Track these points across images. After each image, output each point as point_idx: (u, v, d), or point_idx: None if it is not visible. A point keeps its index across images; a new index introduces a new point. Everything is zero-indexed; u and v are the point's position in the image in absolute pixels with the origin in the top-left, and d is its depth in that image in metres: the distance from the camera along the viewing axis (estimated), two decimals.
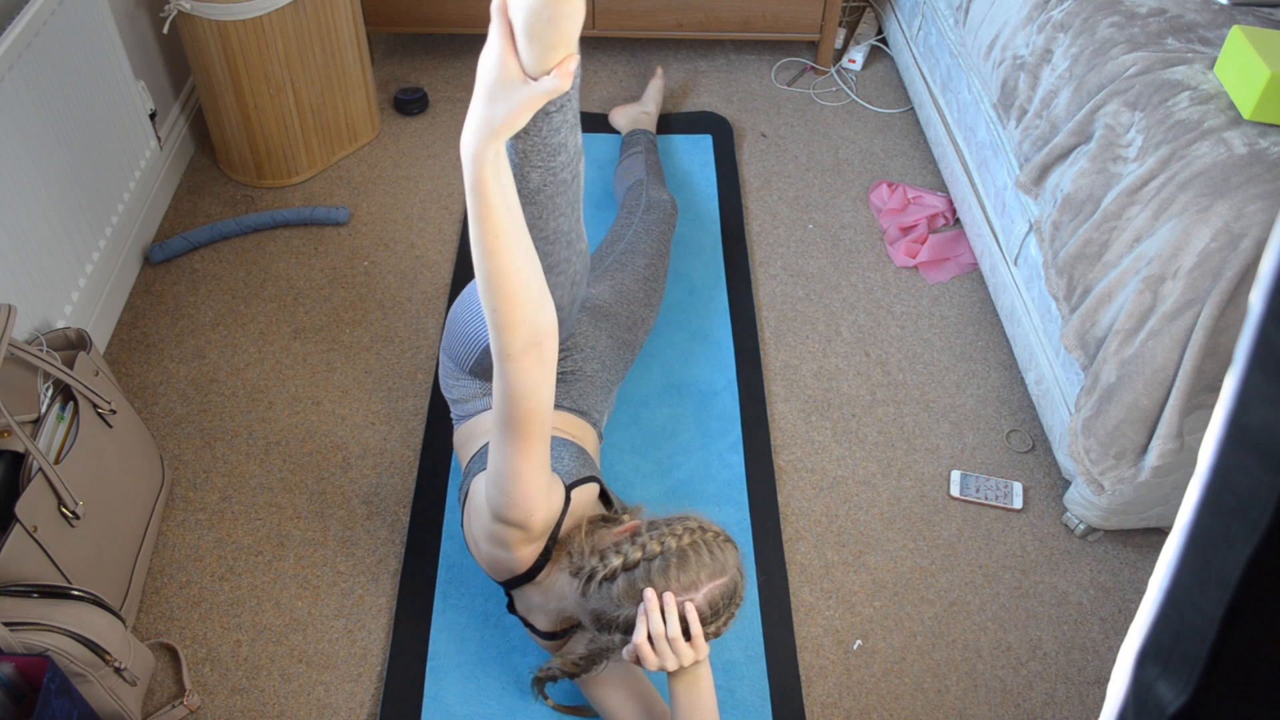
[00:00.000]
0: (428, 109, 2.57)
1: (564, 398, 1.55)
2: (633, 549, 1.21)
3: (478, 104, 0.97)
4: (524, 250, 1.06)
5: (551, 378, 1.14)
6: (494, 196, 1.00)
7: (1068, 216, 1.64)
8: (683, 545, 1.20)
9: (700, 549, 1.21)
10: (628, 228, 1.98)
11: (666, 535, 1.22)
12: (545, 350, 1.11)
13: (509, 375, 1.11)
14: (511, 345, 1.08)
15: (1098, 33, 1.69)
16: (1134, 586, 1.68)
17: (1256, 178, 1.37)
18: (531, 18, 0.91)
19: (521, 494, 1.20)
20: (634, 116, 2.43)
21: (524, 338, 1.08)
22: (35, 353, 1.42)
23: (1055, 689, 1.55)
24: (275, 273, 2.13)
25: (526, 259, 1.06)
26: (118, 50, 1.98)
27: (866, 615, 1.63)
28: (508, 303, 1.06)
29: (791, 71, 2.76)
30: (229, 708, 1.49)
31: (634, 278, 1.83)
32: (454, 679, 1.52)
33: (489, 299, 1.06)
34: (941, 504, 1.78)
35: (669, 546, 1.20)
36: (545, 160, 1.28)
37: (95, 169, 1.92)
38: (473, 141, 0.98)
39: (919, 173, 2.45)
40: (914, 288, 2.17)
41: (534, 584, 1.34)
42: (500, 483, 1.20)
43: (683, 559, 1.19)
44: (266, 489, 1.75)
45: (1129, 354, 1.46)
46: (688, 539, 1.21)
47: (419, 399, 1.90)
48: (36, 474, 1.34)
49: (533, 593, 1.36)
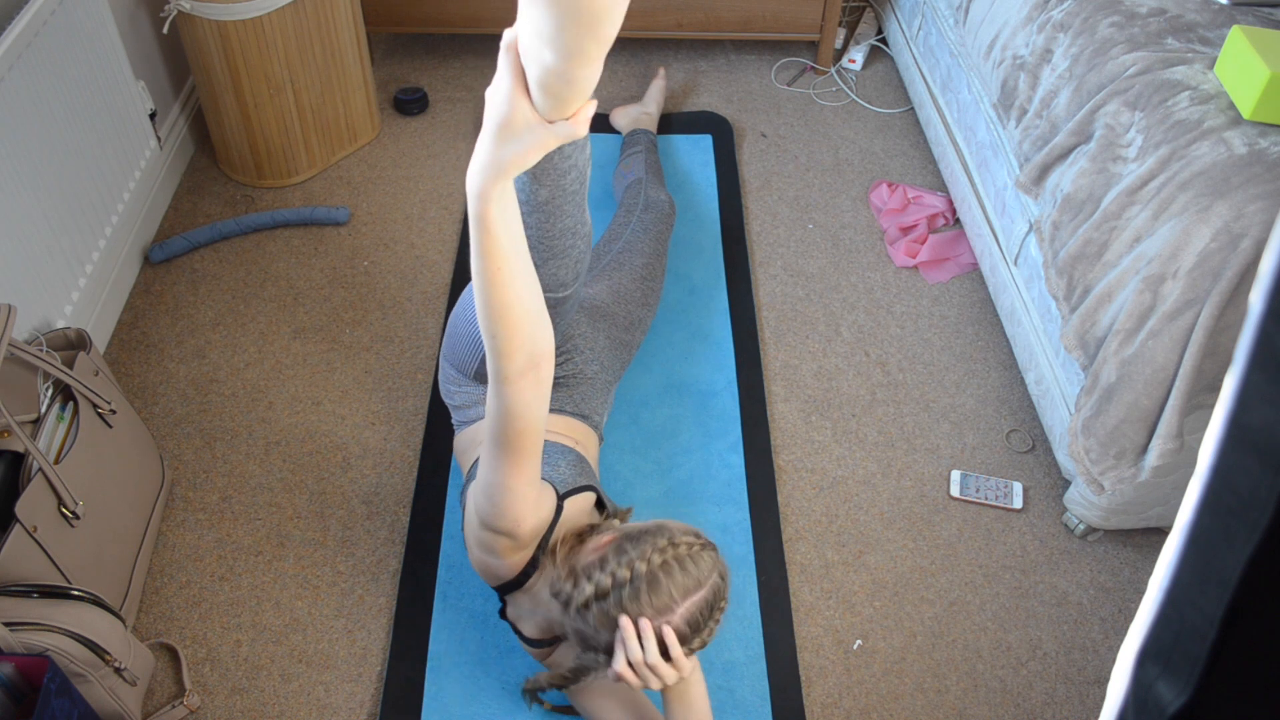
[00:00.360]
0: (428, 109, 2.57)
1: (565, 401, 1.54)
2: (604, 575, 1.18)
3: (486, 142, 0.94)
4: (525, 278, 1.04)
5: (546, 397, 1.13)
6: (499, 231, 0.99)
7: (1068, 216, 1.64)
8: (653, 568, 1.17)
9: (671, 568, 1.17)
10: (625, 227, 1.98)
11: (636, 559, 1.18)
12: (542, 372, 1.10)
13: (506, 397, 1.10)
14: (509, 369, 1.07)
15: (1098, 33, 1.69)
16: (1134, 586, 1.68)
17: (1256, 178, 1.37)
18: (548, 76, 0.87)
19: (509, 506, 1.20)
20: (635, 117, 2.43)
21: (522, 361, 1.07)
22: (35, 353, 1.42)
23: (1055, 689, 1.55)
24: (275, 273, 2.13)
25: (527, 286, 1.05)
26: (118, 50, 1.98)
27: (866, 615, 1.63)
28: (508, 330, 1.05)
29: (791, 71, 2.76)
30: (229, 708, 1.49)
31: (631, 277, 1.83)
32: (454, 679, 1.52)
33: (488, 325, 1.05)
34: (941, 504, 1.78)
35: (639, 571, 1.17)
36: (555, 180, 1.28)
37: (95, 169, 1.92)
38: (479, 180, 0.96)
39: (919, 173, 2.45)
40: (914, 288, 2.17)
41: (523, 591, 1.34)
42: (490, 494, 1.20)
43: (653, 583, 1.16)
44: (266, 489, 1.75)
45: (1129, 354, 1.46)
46: (658, 560, 1.17)
47: (419, 399, 1.90)
48: (36, 474, 1.34)
49: (523, 599, 1.36)
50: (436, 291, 2.10)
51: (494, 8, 2.57)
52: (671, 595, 1.16)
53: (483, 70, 2.71)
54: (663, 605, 1.16)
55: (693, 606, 1.17)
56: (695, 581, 1.17)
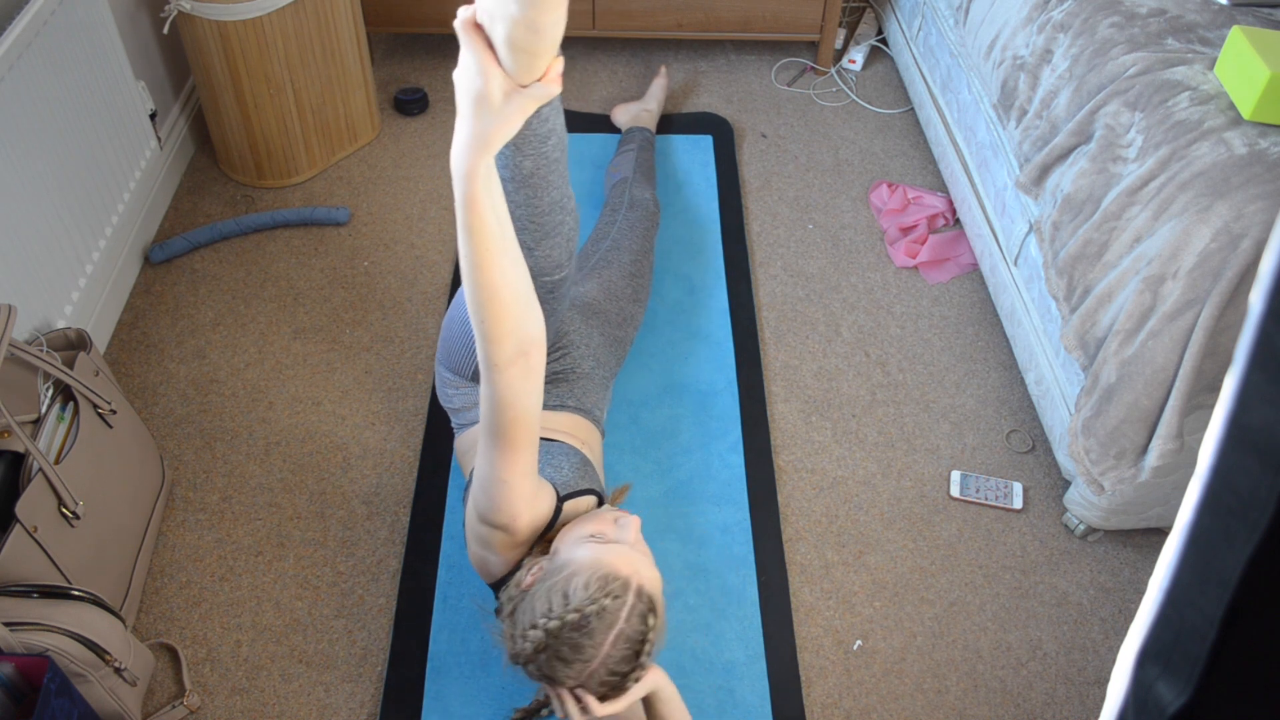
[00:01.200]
0: (428, 109, 2.57)
1: (567, 397, 1.55)
2: (524, 641, 1.16)
3: (465, 120, 0.95)
4: (513, 259, 1.05)
5: (539, 386, 1.13)
6: (486, 211, 0.99)
7: (1068, 217, 1.64)
8: (558, 633, 1.13)
9: (580, 626, 1.13)
10: (611, 225, 1.99)
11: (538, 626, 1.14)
12: (533, 359, 1.10)
13: (496, 385, 1.10)
14: (499, 355, 1.08)
15: (1098, 33, 1.69)
16: (1134, 586, 1.68)
17: (1256, 178, 1.37)
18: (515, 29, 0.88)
19: (506, 499, 1.20)
20: (635, 114, 2.44)
21: (512, 348, 1.08)
22: (35, 353, 1.42)
23: (1055, 689, 1.55)
24: (275, 273, 2.13)
25: (515, 268, 1.05)
26: (118, 50, 1.98)
27: (866, 615, 1.63)
28: (496, 314, 1.05)
29: (791, 72, 2.76)
30: (229, 708, 1.49)
31: (620, 274, 1.85)
32: (454, 679, 1.52)
33: (477, 310, 1.05)
34: (941, 504, 1.78)
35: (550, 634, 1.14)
36: (537, 147, 1.29)
37: (95, 169, 1.92)
38: (465, 158, 0.96)
39: (919, 173, 2.45)
40: (914, 288, 2.17)
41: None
42: (486, 487, 1.20)
43: (558, 655, 1.14)
44: (266, 489, 1.75)
45: (1129, 354, 1.46)
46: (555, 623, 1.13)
47: (419, 399, 1.90)
48: (36, 474, 1.34)
49: None
50: (436, 291, 2.10)
51: None
52: (585, 658, 1.14)
53: None
54: (580, 671, 1.14)
55: (613, 656, 1.14)
56: (608, 624, 1.13)
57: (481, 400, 1.14)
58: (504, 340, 1.07)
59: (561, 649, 1.14)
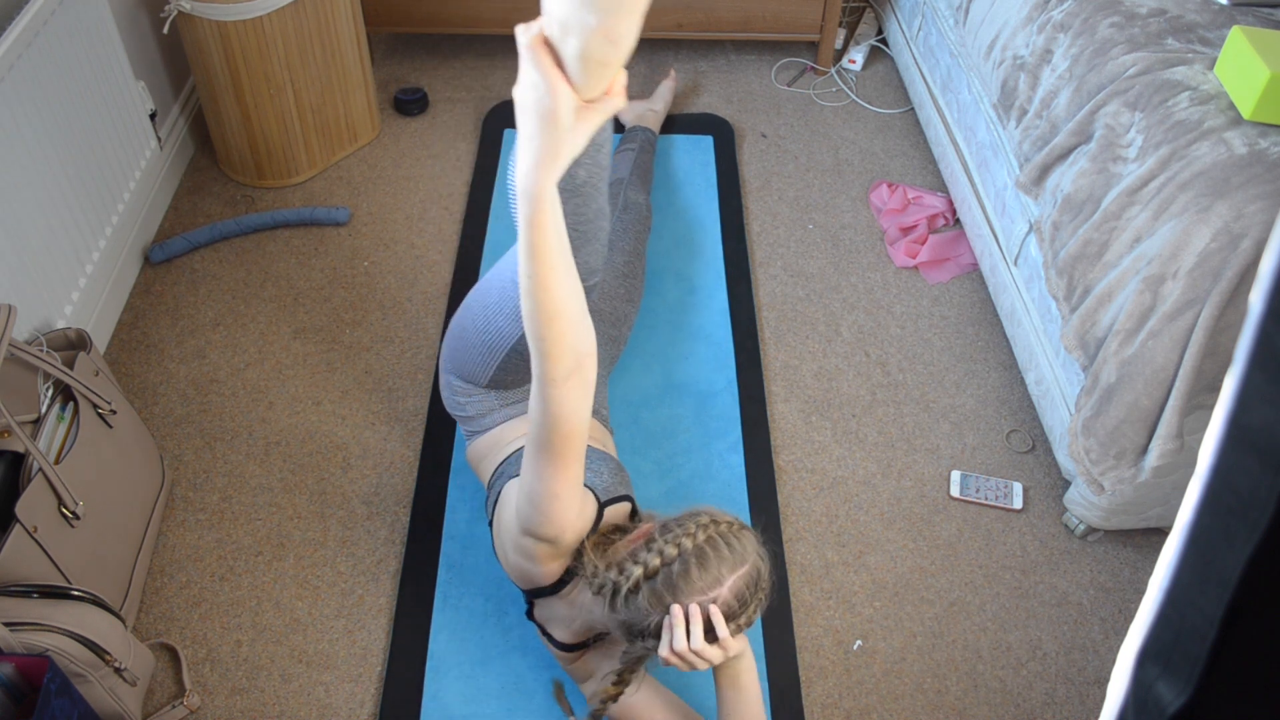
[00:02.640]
0: (428, 109, 2.57)
1: None
2: (651, 556, 1.20)
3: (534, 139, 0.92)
4: (572, 277, 1.04)
5: (590, 398, 1.13)
6: (551, 232, 0.97)
7: (1068, 216, 1.64)
8: (699, 544, 1.19)
9: (717, 543, 1.20)
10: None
11: (681, 537, 1.20)
12: (587, 373, 1.10)
13: (552, 400, 1.09)
14: (556, 371, 1.06)
15: (1098, 33, 1.69)
16: (1134, 586, 1.68)
17: (1256, 178, 1.37)
18: (591, 40, 0.85)
19: (557, 513, 1.20)
20: (640, 113, 2.43)
21: (570, 363, 1.07)
22: (35, 353, 1.42)
23: (1055, 689, 1.55)
24: (275, 273, 2.13)
25: (574, 284, 1.04)
26: (118, 50, 1.98)
27: (866, 615, 1.63)
28: (559, 332, 1.04)
29: (792, 72, 2.76)
30: (229, 708, 1.49)
31: (614, 275, 1.86)
32: (454, 679, 1.52)
33: (537, 329, 1.04)
34: (941, 504, 1.78)
35: (685, 548, 1.19)
36: (592, 156, 1.32)
37: (95, 169, 1.92)
38: (534, 179, 0.93)
39: (919, 173, 2.45)
40: (914, 288, 2.17)
41: (559, 597, 1.34)
42: (536, 502, 1.20)
43: (701, 558, 1.19)
44: (266, 489, 1.75)
45: (1129, 354, 1.46)
46: (703, 536, 1.20)
47: (419, 399, 1.90)
48: (36, 474, 1.34)
49: (557, 605, 1.36)
50: (436, 291, 2.10)
51: (494, 8, 2.57)
52: (719, 570, 1.19)
53: (483, 70, 2.71)
54: (711, 580, 1.18)
55: (739, 581, 1.19)
56: (740, 557, 1.20)
57: (531, 415, 1.13)
58: (563, 357, 1.06)
59: (706, 552, 1.18)
